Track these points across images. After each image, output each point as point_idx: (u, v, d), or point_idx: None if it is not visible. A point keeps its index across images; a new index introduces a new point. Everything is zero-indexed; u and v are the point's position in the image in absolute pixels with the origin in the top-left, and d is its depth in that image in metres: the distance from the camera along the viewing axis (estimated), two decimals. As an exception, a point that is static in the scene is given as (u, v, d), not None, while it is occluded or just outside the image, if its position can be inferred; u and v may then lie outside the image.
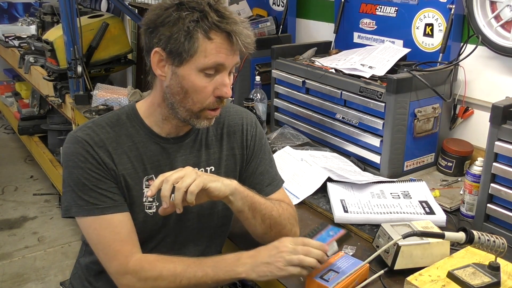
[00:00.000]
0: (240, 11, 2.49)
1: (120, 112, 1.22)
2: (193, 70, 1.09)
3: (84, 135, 1.13)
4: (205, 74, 1.09)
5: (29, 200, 3.59)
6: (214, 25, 1.05)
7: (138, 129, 1.19)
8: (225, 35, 1.07)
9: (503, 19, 1.60)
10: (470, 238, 1.05)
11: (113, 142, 1.15)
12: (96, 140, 1.13)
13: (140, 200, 1.18)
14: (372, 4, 2.01)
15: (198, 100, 1.12)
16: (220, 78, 1.11)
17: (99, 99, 2.44)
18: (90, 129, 1.15)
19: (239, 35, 1.07)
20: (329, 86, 1.81)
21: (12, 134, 4.80)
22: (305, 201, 1.54)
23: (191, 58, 1.08)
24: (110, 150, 1.14)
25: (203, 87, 1.10)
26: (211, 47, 1.07)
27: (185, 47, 1.06)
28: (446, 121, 1.78)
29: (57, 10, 3.14)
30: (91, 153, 1.12)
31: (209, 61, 1.07)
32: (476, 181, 1.41)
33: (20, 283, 2.71)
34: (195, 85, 1.10)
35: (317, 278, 1.10)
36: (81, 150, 1.12)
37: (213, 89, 1.11)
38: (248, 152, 1.30)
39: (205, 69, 1.09)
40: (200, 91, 1.11)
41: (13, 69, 4.04)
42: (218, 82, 1.11)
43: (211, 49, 1.07)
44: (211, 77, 1.10)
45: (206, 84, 1.10)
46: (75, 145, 1.13)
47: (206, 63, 1.07)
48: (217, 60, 1.08)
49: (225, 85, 1.11)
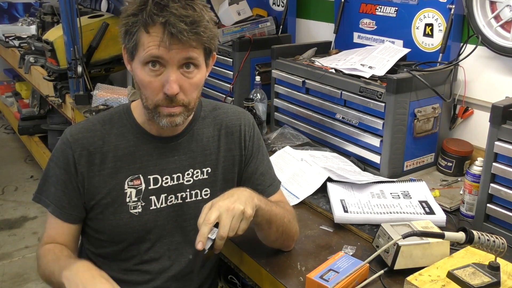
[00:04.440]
0: (240, 11, 2.49)
1: (114, 111, 1.23)
2: (139, 64, 1.08)
3: (70, 136, 1.17)
4: (150, 68, 1.06)
5: (29, 200, 3.57)
6: (150, 17, 1.02)
7: (130, 128, 1.20)
8: (161, 27, 1.02)
9: (503, 19, 1.60)
10: (470, 238, 1.05)
11: (99, 140, 1.17)
12: (80, 142, 1.16)
13: (122, 200, 1.18)
14: (372, 4, 2.01)
15: (148, 96, 1.09)
16: (165, 73, 1.06)
17: (99, 99, 2.44)
18: (79, 130, 1.18)
19: (175, 26, 1.01)
20: (329, 86, 1.81)
21: (12, 134, 4.80)
22: (305, 201, 1.54)
23: (136, 52, 1.07)
24: (92, 150, 1.16)
25: (148, 82, 1.07)
26: (148, 40, 1.04)
27: (128, 42, 1.07)
28: (446, 121, 1.78)
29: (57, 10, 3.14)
30: (71, 160, 1.16)
31: (146, 54, 1.04)
32: (476, 181, 1.41)
33: (20, 283, 2.71)
34: (141, 80, 1.08)
35: (317, 278, 1.10)
36: (63, 152, 1.17)
37: (161, 85, 1.07)
38: (246, 153, 1.29)
39: (146, 63, 1.06)
40: (146, 86, 1.08)
41: (13, 69, 4.04)
42: (163, 78, 1.06)
43: (148, 42, 1.04)
44: (156, 72, 1.06)
45: (151, 79, 1.07)
46: (61, 145, 1.19)
47: (144, 56, 1.05)
48: (152, 52, 1.04)
49: (167, 81, 1.05)
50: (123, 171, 1.18)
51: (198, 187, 1.24)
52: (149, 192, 1.19)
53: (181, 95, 1.08)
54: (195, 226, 1.24)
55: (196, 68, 1.09)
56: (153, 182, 1.19)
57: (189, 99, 1.10)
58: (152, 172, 1.19)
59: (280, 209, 1.19)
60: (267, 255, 1.27)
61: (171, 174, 1.21)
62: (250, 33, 2.29)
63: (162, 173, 1.20)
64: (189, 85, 1.09)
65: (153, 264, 1.23)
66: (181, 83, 1.07)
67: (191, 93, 1.10)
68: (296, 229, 1.26)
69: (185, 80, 1.08)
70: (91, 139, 1.17)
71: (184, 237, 1.25)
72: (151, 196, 1.19)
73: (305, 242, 1.33)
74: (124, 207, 1.18)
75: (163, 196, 1.20)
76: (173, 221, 1.23)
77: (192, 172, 1.23)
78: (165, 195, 1.21)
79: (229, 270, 1.65)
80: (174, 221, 1.23)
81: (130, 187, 1.18)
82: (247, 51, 2.18)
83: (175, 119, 1.11)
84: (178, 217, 1.23)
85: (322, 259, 1.24)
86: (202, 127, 1.25)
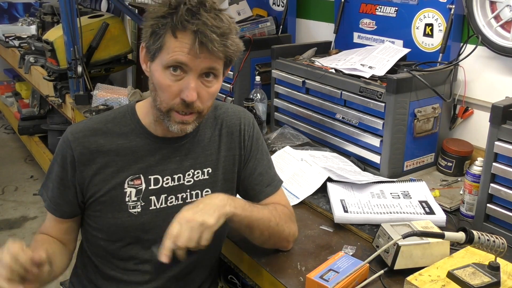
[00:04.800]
0: (240, 11, 2.49)
1: (118, 110, 1.23)
2: (159, 67, 1.08)
3: (71, 135, 1.18)
4: (170, 72, 1.06)
5: (29, 200, 3.59)
6: (181, 23, 1.02)
7: (133, 128, 1.20)
8: (191, 34, 1.03)
9: (503, 19, 1.60)
10: (470, 238, 1.05)
11: (100, 139, 1.17)
12: (81, 141, 1.16)
13: (121, 199, 1.18)
14: (372, 4, 2.01)
15: (164, 99, 1.09)
16: (186, 79, 1.07)
17: (99, 99, 2.44)
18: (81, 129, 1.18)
19: (206, 35, 1.02)
20: (329, 86, 1.81)
21: (12, 134, 4.80)
22: (305, 201, 1.54)
23: (159, 54, 1.07)
24: (93, 149, 1.17)
25: (167, 86, 1.08)
26: (175, 45, 1.04)
27: (153, 43, 1.07)
28: (446, 121, 1.78)
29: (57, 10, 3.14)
30: (69, 159, 1.17)
31: (170, 58, 1.05)
32: (476, 181, 1.41)
33: (20, 283, 2.71)
34: (160, 82, 1.08)
35: (317, 278, 1.10)
36: (63, 151, 1.18)
37: (179, 90, 1.07)
38: (245, 153, 1.29)
39: (168, 67, 1.06)
40: (164, 89, 1.08)
41: (13, 69, 4.04)
42: (183, 84, 1.07)
43: (174, 47, 1.04)
44: (177, 77, 1.07)
45: (170, 83, 1.07)
46: (62, 143, 1.19)
47: (168, 60, 1.05)
48: (177, 58, 1.04)
49: (187, 87, 1.06)
50: (124, 170, 1.18)
51: (199, 187, 1.24)
52: (149, 192, 1.19)
53: (197, 102, 1.09)
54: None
55: (215, 78, 1.11)
56: (153, 182, 1.19)
57: (204, 107, 1.12)
58: (153, 172, 1.19)
59: (266, 213, 1.18)
60: (267, 255, 1.27)
61: (172, 175, 1.21)
62: (250, 33, 2.29)
63: (163, 173, 1.20)
64: (206, 93, 1.10)
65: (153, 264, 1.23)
66: (199, 91, 1.08)
67: (206, 102, 1.12)
68: (290, 231, 1.25)
69: (204, 88, 1.09)
70: (92, 138, 1.17)
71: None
72: (151, 196, 1.19)
73: (305, 242, 1.33)
74: (123, 206, 1.18)
75: (163, 197, 1.20)
76: None
77: (193, 172, 1.23)
78: (165, 195, 1.21)
79: (229, 270, 1.65)
80: None
81: (130, 187, 1.18)
82: (247, 51, 2.18)
83: (186, 127, 1.12)
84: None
85: (322, 259, 1.24)
86: (204, 127, 1.25)
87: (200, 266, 1.28)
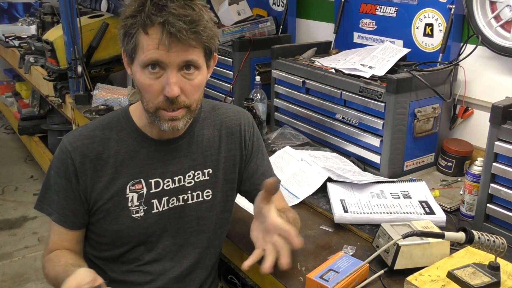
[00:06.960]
0: (240, 11, 2.49)
1: (113, 115, 1.22)
2: (138, 68, 1.06)
3: (69, 145, 1.15)
4: (149, 71, 1.04)
5: (29, 200, 3.59)
6: (148, 18, 1.00)
7: (130, 132, 1.18)
8: (159, 27, 1.00)
9: (503, 19, 1.60)
10: (470, 238, 1.05)
11: (98, 146, 1.15)
12: (80, 150, 1.14)
13: (124, 205, 1.17)
14: (372, 4, 2.01)
15: (149, 99, 1.08)
16: (165, 76, 1.04)
17: (99, 99, 2.44)
18: (78, 138, 1.16)
19: (174, 25, 0.98)
20: (329, 86, 1.81)
21: (12, 134, 4.80)
22: (305, 201, 1.54)
23: (135, 55, 1.06)
24: (92, 157, 1.15)
25: (148, 85, 1.05)
26: (148, 42, 1.02)
27: (127, 45, 1.06)
28: (446, 121, 1.78)
29: (57, 10, 3.13)
30: (71, 169, 1.14)
31: (145, 57, 1.03)
32: (476, 181, 1.41)
33: (20, 283, 2.71)
34: (141, 82, 1.07)
35: (317, 278, 1.10)
36: (63, 161, 1.15)
37: (161, 88, 1.05)
38: (246, 153, 1.29)
39: (146, 66, 1.04)
40: (146, 89, 1.07)
41: (13, 69, 4.03)
42: (163, 81, 1.04)
43: (148, 45, 1.02)
44: (156, 75, 1.04)
45: (151, 82, 1.05)
46: (60, 153, 1.16)
47: (143, 59, 1.03)
48: (151, 56, 1.02)
49: (168, 83, 1.03)
50: (124, 176, 1.17)
51: (200, 188, 1.23)
52: (150, 195, 1.18)
53: (182, 97, 1.07)
54: (196, 227, 1.25)
55: (196, 70, 1.08)
56: (154, 185, 1.19)
57: (190, 101, 1.09)
58: (153, 175, 1.18)
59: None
60: (267, 255, 1.27)
61: (172, 177, 1.20)
62: (250, 33, 2.29)
63: (163, 176, 1.19)
64: (190, 87, 1.07)
65: (155, 265, 1.23)
66: (182, 85, 1.06)
67: (192, 95, 1.09)
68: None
69: (186, 82, 1.06)
70: (90, 146, 1.15)
71: (185, 239, 1.24)
72: (153, 200, 1.19)
73: (305, 242, 1.32)
74: (126, 211, 1.17)
75: (165, 199, 1.20)
76: (175, 223, 1.22)
77: (193, 173, 1.22)
78: (167, 197, 1.20)
79: (229, 270, 1.66)
80: (176, 223, 1.22)
81: (132, 192, 1.17)
82: (247, 51, 2.19)
83: (177, 123, 1.10)
84: (180, 218, 1.22)
85: (322, 259, 1.24)
86: (202, 128, 1.25)
87: (201, 266, 1.29)
